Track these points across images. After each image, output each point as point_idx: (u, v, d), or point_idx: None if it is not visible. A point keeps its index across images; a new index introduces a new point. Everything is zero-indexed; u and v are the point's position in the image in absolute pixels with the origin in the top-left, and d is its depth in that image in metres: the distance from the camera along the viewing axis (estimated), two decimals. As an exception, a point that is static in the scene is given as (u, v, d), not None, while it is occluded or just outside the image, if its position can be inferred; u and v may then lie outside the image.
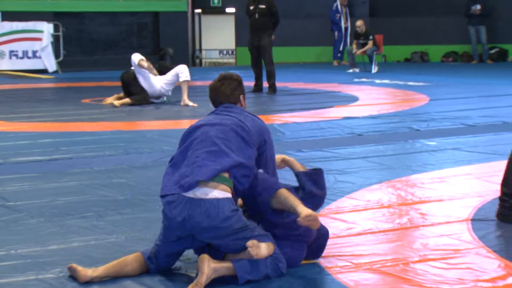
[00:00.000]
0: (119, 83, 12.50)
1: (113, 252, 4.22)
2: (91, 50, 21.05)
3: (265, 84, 13.90)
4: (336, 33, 21.27)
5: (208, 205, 3.72)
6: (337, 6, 20.81)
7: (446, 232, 4.65)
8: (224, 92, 4.17)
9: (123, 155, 7.37)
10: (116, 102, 11.68)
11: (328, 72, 18.71)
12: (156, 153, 7.45)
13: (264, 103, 12.47)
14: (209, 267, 3.66)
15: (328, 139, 8.32)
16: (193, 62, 22.31)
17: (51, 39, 19.56)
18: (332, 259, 4.15)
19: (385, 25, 21.72)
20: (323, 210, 5.23)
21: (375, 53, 18.60)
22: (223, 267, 3.72)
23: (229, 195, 3.78)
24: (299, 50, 22.53)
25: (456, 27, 21.38)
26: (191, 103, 11.70)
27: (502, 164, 6.56)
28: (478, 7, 20.37)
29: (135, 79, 11.95)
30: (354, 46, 18.72)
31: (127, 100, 11.77)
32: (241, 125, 3.97)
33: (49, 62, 19.63)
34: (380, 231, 4.70)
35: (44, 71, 19.46)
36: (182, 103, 11.75)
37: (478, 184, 5.94)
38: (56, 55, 19.84)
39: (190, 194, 3.75)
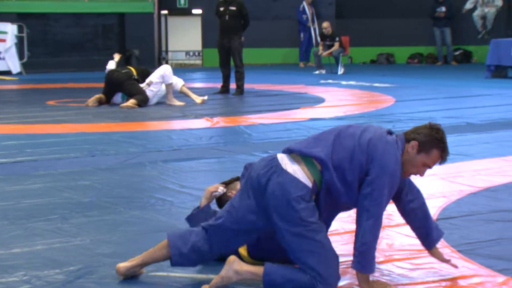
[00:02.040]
0: (84, 85, 12.42)
1: (78, 255, 4.19)
2: (56, 51, 20.87)
3: (232, 86, 13.89)
4: (302, 35, 21.33)
5: (285, 177, 3.60)
6: (303, 7, 20.87)
7: (411, 233, 4.67)
8: None
9: (88, 157, 7.32)
10: (123, 105, 11.61)
11: (295, 73, 18.75)
12: (121, 155, 7.41)
13: (231, 104, 12.46)
14: (229, 269, 3.61)
15: (295, 140, 8.31)
16: (159, 63, 22.23)
17: (15, 40, 19.35)
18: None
19: (351, 26, 21.83)
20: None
21: (341, 54, 18.68)
22: (249, 271, 3.63)
23: (309, 183, 3.61)
24: (266, 51, 22.55)
25: (421, 29, 21.55)
26: (178, 102, 11.88)
27: (467, 165, 6.63)
28: (443, 9, 20.56)
29: (129, 78, 11.90)
30: (320, 47, 18.78)
31: (133, 101, 11.66)
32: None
33: (13, 64, 19.42)
34: (346, 232, 4.71)
35: (7, 73, 19.26)
36: (170, 103, 11.95)
37: (443, 184, 5.98)
38: (20, 57, 19.64)
39: (279, 157, 3.71)
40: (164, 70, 12.03)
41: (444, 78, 16.60)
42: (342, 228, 4.77)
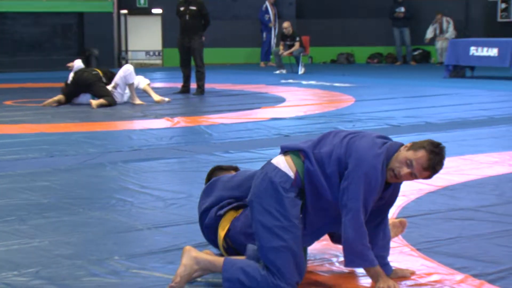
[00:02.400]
0: (43, 85, 12.28)
1: (37, 256, 4.14)
2: (14, 51, 20.62)
3: (193, 85, 13.85)
4: (264, 34, 21.35)
5: (268, 167, 3.67)
6: (266, 7, 20.87)
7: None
8: None
9: (47, 158, 7.24)
10: (95, 102, 11.53)
11: (256, 73, 18.76)
12: (81, 155, 7.34)
13: (192, 104, 12.42)
14: (188, 257, 3.64)
15: (255, 140, 8.33)
16: (119, 63, 22.08)
17: (-28, 40, 19.09)
18: (259, 260, 4.15)
19: (311, 26, 21.90)
20: (250, 211, 5.23)
21: (301, 54, 18.73)
22: (207, 260, 3.65)
23: (291, 172, 3.62)
24: (228, 51, 22.53)
25: (381, 29, 21.70)
26: (139, 101, 11.93)
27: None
28: (402, 9, 20.73)
29: (99, 80, 11.81)
30: (281, 47, 18.81)
31: (102, 101, 11.61)
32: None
33: (-30, 63, 19.15)
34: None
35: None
36: (133, 102, 11.95)
37: (403, 183, 6.00)
38: (-22, 56, 19.37)
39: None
40: (124, 70, 11.99)
41: (404, 78, 16.74)
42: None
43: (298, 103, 12.15)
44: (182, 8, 13.70)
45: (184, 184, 6.10)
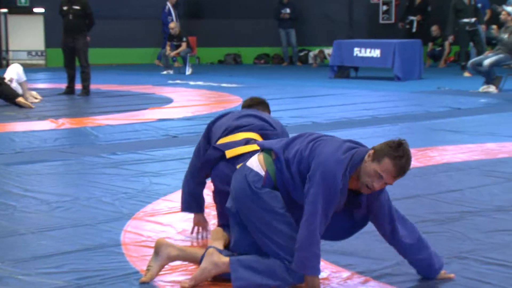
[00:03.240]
0: None
1: None
2: None
3: (78, 86, 13.57)
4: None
5: (243, 168, 3.73)
6: (169, 8, 20.60)
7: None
8: None
9: None
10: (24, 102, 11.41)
11: (143, 74, 18.55)
12: (-40, 158, 7.07)
13: (77, 106, 12.17)
14: (208, 262, 3.63)
15: (143, 142, 8.23)
16: (0, 63, 21.43)
17: None
18: (147, 262, 4.09)
19: (198, 27, 21.86)
20: (138, 213, 5.16)
21: (188, 55, 18.68)
22: (228, 264, 3.63)
23: (261, 171, 3.66)
24: (116, 51, 22.17)
25: (267, 30, 21.87)
26: (26, 102, 11.65)
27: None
28: (288, 10, 20.97)
29: (2, 83, 11.49)
30: (167, 48, 18.69)
31: (23, 100, 11.45)
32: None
33: None
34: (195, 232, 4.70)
35: None
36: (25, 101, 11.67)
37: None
38: None
39: None
40: (17, 69, 11.84)
41: (290, 78, 16.94)
42: (192, 229, 4.74)
43: (186, 103, 12.10)
44: (65, 8, 13.41)
45: (70, 187, 5.97)
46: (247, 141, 4.26)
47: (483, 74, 13.01)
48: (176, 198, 5.57)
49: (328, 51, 19.95)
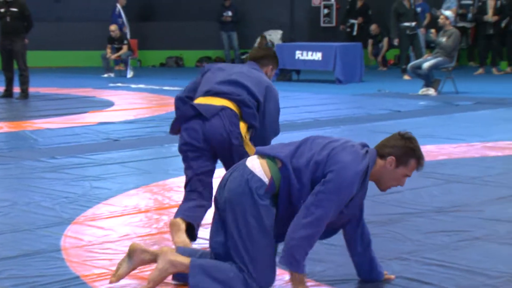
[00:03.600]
0: None
1: None
2: None
3: (16, 89, 13.34)
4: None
5: (244, 171, 3.67)
6: (119, 10, 20.36)
7: (202, 234, 4.69)
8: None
9: None
10: None
11: (83, 77, 18.33)
12: None
13: (16, 109, 11.97)
14: (165, 261, 3.59)
15: (83, 145, 8.14)
16: None
17: None
18: (88, 267, 4.04)
19: (139, 29, 21.68)
20: (79, 217, 5.09)
21: (130, 57, 18.53)
22: (183, 263, 3.59)
23: (265, 178, 3.60)
24: (65, 54, 21.81)
25: (209, 32, 21.83)
26: None
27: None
28: (230, 13, 20.97)
29: None
30: (108, 50, 18.51)
31: None
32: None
33: None
34: (137, 236, 4.66)
35: None
36: None
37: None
38: None
39: (249, 158, 3.81)
40: None
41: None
42: (134, 233, 4.70)
43: (127, 107, 12.00)
44: (2, 10, 13.17)
45: (8, 192, 5.86)
46: (223, 108, 4.44)
47: (422, 77, 13.19)
48: (117, 202, 5.52)
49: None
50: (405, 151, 3.64)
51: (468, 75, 16.60)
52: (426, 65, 12.97)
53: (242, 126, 4.48)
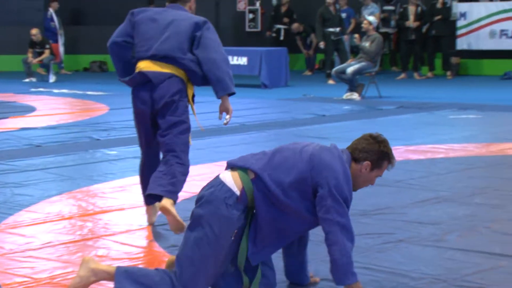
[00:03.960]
0: None
1: None
2: None
3: None
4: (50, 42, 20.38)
5: (214, 182, 3.67)
6: (51, 14, 19.93)
7: (128, 241, 4.65)
8: None
9: None
10: None
11: (3, 81, 17.94)
12: None
13: None
14: (86, 269, 3.51)
15: (4, 151, 7.96)
16: None
17: None
18: (10, 276, 3.94)
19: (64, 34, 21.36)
20: None
21: (52, 62, 18.22)
22: (105, 271, 3.52)
23: (235, 188, 3.56)
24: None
25: (133, 38, 21.66)
26: None
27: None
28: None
29: None
30: (29, 54, 18.16)
31: None
32: None
33: None
34: (60, 244, 4.57)
35: None
36: None
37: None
38: None
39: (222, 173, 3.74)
40: None
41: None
42: (57, 240, 4.61)
43: (50, 112, 11.78)
44: None
45: None
46: (171, 75, 4.82)
47: (346, 82, 13.35)
48: (40, 209, 5.41)
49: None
50: (380, 155, 3.72)
51: (390, 79, 16.89)
52: (350, 70, 13.14)
53: (190, 88, 4.95)
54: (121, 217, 5.24)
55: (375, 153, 3.70)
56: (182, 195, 5.76)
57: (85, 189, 6.15)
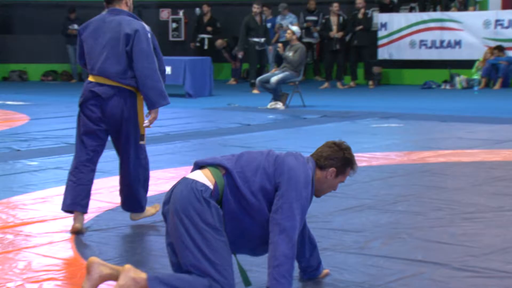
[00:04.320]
0: None
1: None
2: None
3: None
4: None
5: (185, 181, 3.68)
6: None
7: (50, 253, 4.55)
8: None
9: None
10: None
11: None
12: None
13: None
14: (127, 278, 3.48)
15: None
16: None
17: None
18: None
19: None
20: None
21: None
22: (146, 280, 3.48)
23: (209, 183, 3.61)
24: None
25: (55, 46, 21.33)
26: None
27: (106, 181, 6.64)
28: (76, 26, 20.57)
29: None
30: None
31: None
32: None
33: None
34: None
35: None
36: None
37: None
38: None
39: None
40: None
41: (67, 95, 16.57)
42: None
43: (-32, 122, 11.49)
44: None
45: None
46: (119, 90, 5.11)
47: (270, 91, 13.42)
48: (-43, 222, 5.24)
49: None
50: (344, 162, 3.85)
51: (314, 89, 17.06)
52: (274, 79, 13.21)
53: (139, 99, 5.17)
54: (42, 229, 5.13)
55: (339, 160, 3.84)
56: (105, 206, 5.69)
57: (5, 201, 6.01)
